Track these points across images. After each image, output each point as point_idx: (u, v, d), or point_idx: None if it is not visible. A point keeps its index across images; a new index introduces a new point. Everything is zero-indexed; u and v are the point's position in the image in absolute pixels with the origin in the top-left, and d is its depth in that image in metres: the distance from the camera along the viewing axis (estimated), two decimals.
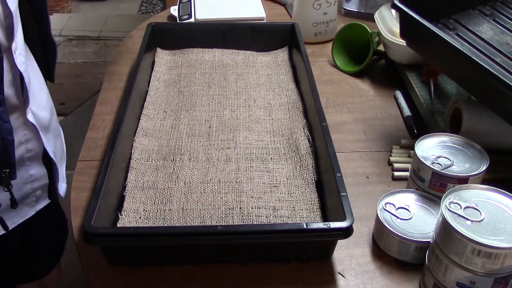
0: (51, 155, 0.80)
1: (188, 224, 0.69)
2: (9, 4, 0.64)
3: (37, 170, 0.79)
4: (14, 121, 0.71)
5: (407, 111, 0.94)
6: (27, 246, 0.89)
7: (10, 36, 0.66)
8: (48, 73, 0.88)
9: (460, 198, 0.58)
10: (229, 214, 0.70)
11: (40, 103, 0.79)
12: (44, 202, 0.82)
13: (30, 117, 0.73)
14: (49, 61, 0.87)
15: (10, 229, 0.77)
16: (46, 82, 0.86)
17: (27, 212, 0.80)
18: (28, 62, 0.74)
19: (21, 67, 0.69)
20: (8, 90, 0.69)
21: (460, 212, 0.56)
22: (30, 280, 0.96)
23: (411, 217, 0.68)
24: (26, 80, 0.71)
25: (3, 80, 0.66)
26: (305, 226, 0.61)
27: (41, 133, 0.77)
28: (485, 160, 0.69)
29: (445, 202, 0.57)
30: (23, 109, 0.73)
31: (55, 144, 0.84)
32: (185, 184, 0.75)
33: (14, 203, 0.75)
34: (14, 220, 0.78)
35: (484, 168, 0.67)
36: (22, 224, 0.80)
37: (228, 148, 0.82)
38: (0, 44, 0.65)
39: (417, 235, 0.65)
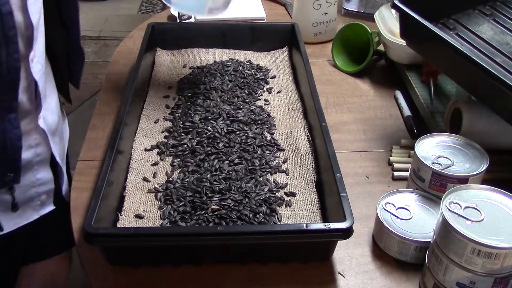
0: (58, 159, 0.81)
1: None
2: (31, 17, 0.66)
3: (44, 174, 0.80)
4: (26, 126, 0.73)
5: (407, 111, 0.94)
6: (39, 231, 0.90)
7: (29, 45, 0.69)
8: (73, 78, 0.89)
9: (460, 198, 0.58)
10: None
11: (50, 106, 0.80)
12: (49, 208, 0.83)
13: (41, 122, 0.75)
14: (76, 67, 0.88)
15: (7, 231, 0.77)
16: (69, 87, 0.87)
17: (31, 215, 0.80)
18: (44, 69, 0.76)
19: (36, 75, 0.71)
20: (22, 97, 0.70)
21: (460, 212, 0.56)
22: (36, 260, 0.96)
23: (411, 217, 0.68)
24: (40, 87, 0.72)
25: (19, 87, 0.67)
26: (305, 227, 0.61)
27: (49, 138, 0.78)
28: (485, 160, 0.69)
29: (445, 202, 0.57)
30: (36, 114, 0.74)
31: (59, 147, 0.85)
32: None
33: (14, 206, 0.76)
34: (16, 222, 0.78)
35: (484, 168, 0.67)
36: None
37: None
38: (19, 53, 0.66)
39: (417, 235, 0.65)
